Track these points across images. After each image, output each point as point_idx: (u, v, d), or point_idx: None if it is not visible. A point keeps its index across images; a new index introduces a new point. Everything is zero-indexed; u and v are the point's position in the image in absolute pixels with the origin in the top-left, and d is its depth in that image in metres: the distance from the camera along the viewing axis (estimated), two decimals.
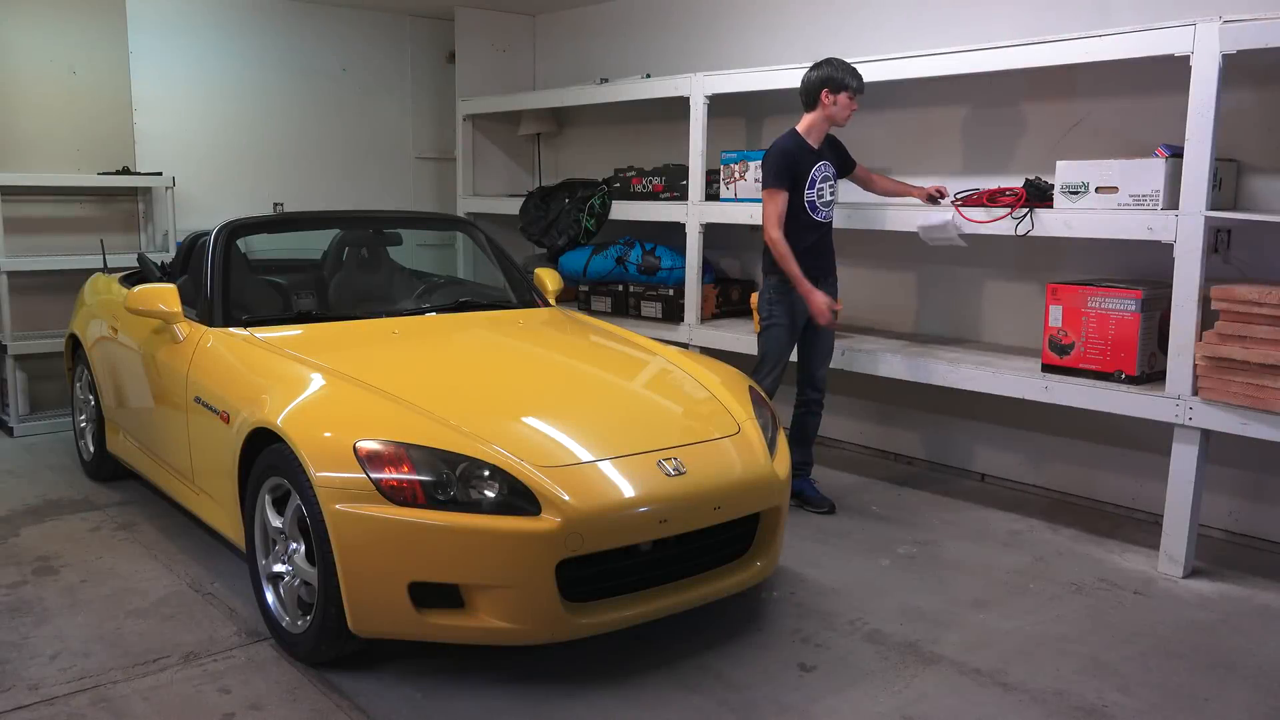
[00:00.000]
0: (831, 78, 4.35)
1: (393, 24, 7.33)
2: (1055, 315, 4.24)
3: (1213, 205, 3.70)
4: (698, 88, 5.45)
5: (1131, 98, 4.42)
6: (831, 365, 4.99)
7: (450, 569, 2.86)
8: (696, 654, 3.22)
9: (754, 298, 5.35)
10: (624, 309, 6.13)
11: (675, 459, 3.12)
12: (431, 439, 2.96)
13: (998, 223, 4.24)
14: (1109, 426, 4.56)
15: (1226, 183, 4.02)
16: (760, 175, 5.20)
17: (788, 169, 4.38)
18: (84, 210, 6.20)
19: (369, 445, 2.92)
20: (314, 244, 4.91)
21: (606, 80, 6.37)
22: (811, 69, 4.41)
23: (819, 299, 4.38)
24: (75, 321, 5.09)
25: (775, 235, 4.40)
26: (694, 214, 5.55)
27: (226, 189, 6.64)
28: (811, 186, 4.42)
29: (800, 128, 4.44)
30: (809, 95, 4.41)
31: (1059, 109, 4.65)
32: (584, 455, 3.05)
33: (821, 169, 4.45)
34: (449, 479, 2.87)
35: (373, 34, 7.24)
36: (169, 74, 6.43)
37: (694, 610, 3.29)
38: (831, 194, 4.52)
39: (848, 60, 4.39)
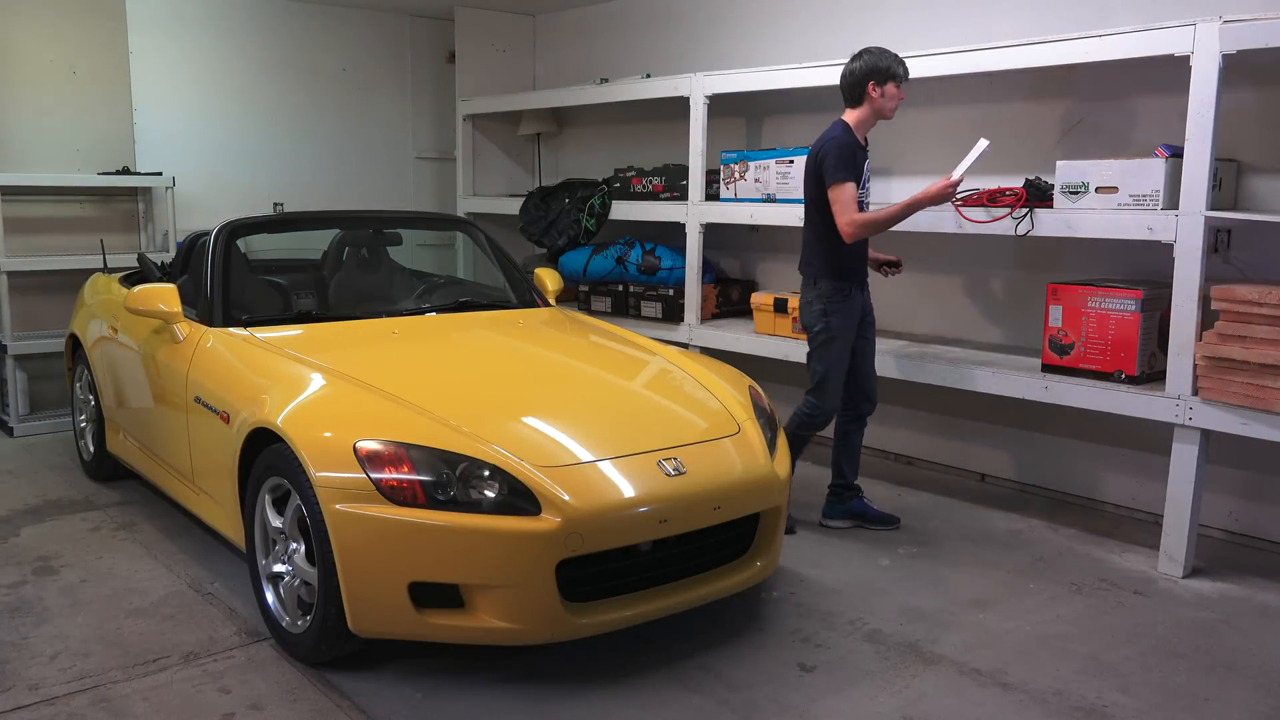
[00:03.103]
0: (876, 67, 3.98)
1: (393, 24, 7.33)
2: (1055, 315, 4.24)
3: (1213, 205, 3.70)
4: (698, 88, 5.46)
5: (1131, 98, 4.42)
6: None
7: (450, 569, 2.86)
8: (696, 654, 3.22)
9: (755, 298, 5.37)
10: (624, 309, 6.13)
11: (675, 459, 3.12)
12: (431, 439, 2.96)
13: (998, 223, 4.24)
14: (1109, 426, 4.56)
15: (1226, 183, 4.02)
16: (759, 175, 5.25)
17: (852, 160, 4.00)
18: (84, 210, 6.20)
19: (369, 445, 2.92)
20: (314, 244, 4.91)
21: (606, 80, 6.37)
22: (851, 61, 4.07)
23: (936, 185, 3.96)
24: (75, 321, 5.09)
25: (858, 218, 3.96)
26: (694, 214, 5.55)
27: (226, 189, 6.64)
28: (863, 185, 4.14)
29: (851, 123, 4.08)
30: (854, 89, 4.05)
31: (1059, 109, 4.65)
32: (584, 455, 3.05)
33: (868, 166, 4.17)
34: (449, 479, 2.87)
35: (373, 34, 7.24)
36: (169, 74, 6.44)
37: (694, 610, 3.29)
38: (868, 194, 4.26)
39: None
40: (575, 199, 6.23)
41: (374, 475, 2.86)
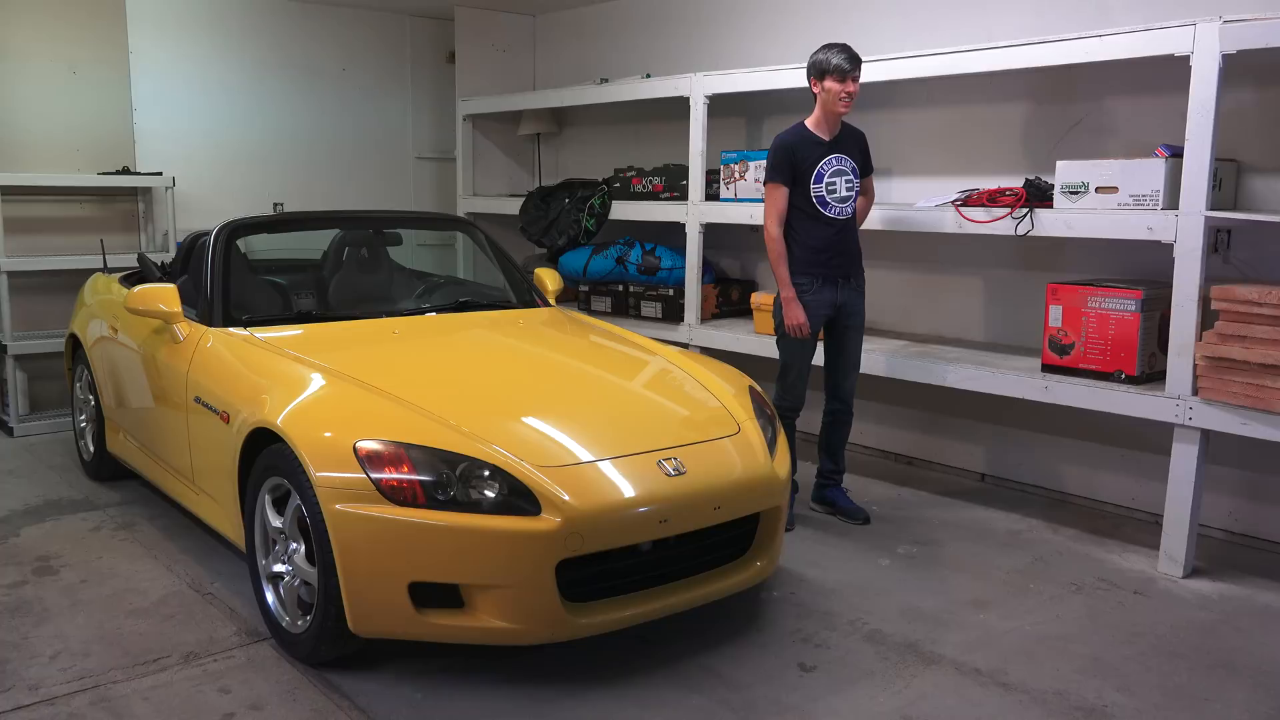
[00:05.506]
0: (813, 64, 4.12)
1: (393, 24, 7.33)
2: (1055, 315, 4.24)
3: (1213, 205, 3.70)
4: (698, 88, 5.45)
5: (1131, 98, 4.42)
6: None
7: (450, 569, 2.86)
8: (696, 654, 3.22)
9: (755, 298, 5.37)
10: (624, 309, 6.13)
11: (675, 459, 3.12)
12: (431, 439, 2.96)
13: (998, 223, 4.24)
14: (1109, 426, 4.56)
15: (1226, 183, 4.02)
16: (759, 175, 5.24)
17: (785, 162, 4.18)
18: (84, 210, 6.20)
19: (369, 445, 2.92)
20: (314, 244, 4.91)
21: (606, 80, 6.37)
22: None
23: (796, 312, 4.21)
24: (75, 321, 5.09)
25: (773, 232, 4.22)
26: (694, 214, 5.55)
27: (226, 189, 6.64)
28: (819, 180, 4.19)
29: (809, 121, 4.24)
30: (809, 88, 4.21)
31: (1059, 109, 4.65)
32: (584, 455, 3.05)
33: (833, 162, 4.20)
34: (449, 479, 2.87)
35: (373, 34, 7.24)
36: (169, 74, 6.44)
37: (694, 610, 3.29)
38: (849, 189, 4.24)
39: None
40: (575, 199, 6.23)
41: (374, 475, 2.86)
